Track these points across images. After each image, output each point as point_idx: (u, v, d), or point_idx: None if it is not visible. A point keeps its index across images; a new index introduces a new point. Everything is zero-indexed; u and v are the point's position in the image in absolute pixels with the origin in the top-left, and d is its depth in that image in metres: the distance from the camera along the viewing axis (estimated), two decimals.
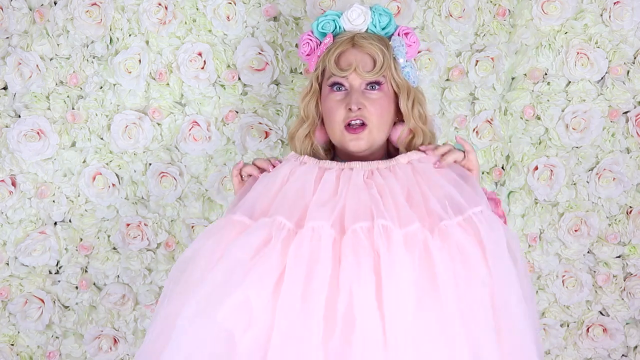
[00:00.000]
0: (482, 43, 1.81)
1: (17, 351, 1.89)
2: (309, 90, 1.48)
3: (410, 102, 1.44)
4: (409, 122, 1.44)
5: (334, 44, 1.44)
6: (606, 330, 1.93)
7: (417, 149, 1.40)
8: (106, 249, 1.86)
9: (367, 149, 1.43)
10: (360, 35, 1.43)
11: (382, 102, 1.42)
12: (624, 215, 1.89)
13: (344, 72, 1.40)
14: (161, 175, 1.82)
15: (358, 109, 1.39)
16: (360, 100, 1.39)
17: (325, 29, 1.47)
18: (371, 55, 1.41)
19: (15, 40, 1.80)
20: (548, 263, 1.90)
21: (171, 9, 1.77)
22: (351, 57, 1.41)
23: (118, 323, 1.88)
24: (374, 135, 1.42)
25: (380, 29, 1.46)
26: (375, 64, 1.40)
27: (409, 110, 1.44)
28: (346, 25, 1.46)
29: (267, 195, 1.32)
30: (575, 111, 1.83)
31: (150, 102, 1.80)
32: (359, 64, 1.40)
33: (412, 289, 1.16)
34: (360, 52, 1.41)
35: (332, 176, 1.32)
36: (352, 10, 1.46)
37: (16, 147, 1.79)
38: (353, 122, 1.40)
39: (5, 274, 1.85)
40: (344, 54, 1.42)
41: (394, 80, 1.42)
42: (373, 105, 1.40)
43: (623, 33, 1.83)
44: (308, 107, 1.48)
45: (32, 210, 1.84)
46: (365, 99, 1.40)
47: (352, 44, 1.42)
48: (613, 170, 1.85)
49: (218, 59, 1.79)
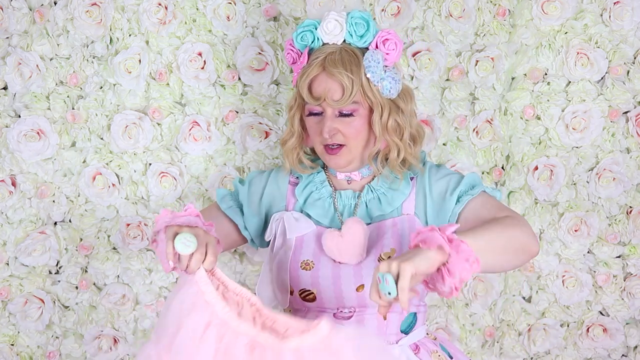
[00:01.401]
0: (482, 43, 1.81)
1: (17, 351, 1.89)
2: (293, 103, 1.51)
3: (385, 116, 1.44)
4: (379, 141, 1.46)
5: (308, 66, 1.44)
6: (606, 330, 1.93)
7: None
8: (106, 249, 1.86)
9: (348, 164, 1.48)
10: (331, 59, 1.42)
11: (356, 124, 1.44)
12: (624, 215, 1.89)
13: (315, 102, 1.43)
14: (161, 175, 1.82)
15: (332, 135, 1.43)
16: (333, 127, 1.42)
17: (304, 41, 1.47)
18: (340, 83, 1.41)
19: (15, 40, 1.80)
20: (548, 263, 1.90)
21: (171, 9, 1.77)
22: (321, 87, 1.42)
23: (118, 323, 1.88)
24: (352, 154, 1.46)
25: (358, 39, 1.45)
26: (343, 92, 1.41)
27: (382, 128, 1.44)
28: (323, 37, 1.45)
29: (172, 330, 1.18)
30: (575, 111, 1.83)
31: (150, 102, 1.80)
32: (327, 94, 1.41)
33: None
34: (330, 78, 1.42)
35: (212, 337, 1.13)
36: (328, 21, 1.44)
37: (16, 147, 1.79)
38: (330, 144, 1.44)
39: (5, 274, 1.85)
40: (315, 81, 1.43)
41: (368, 99, 1.43)
42: (347, 128, 1.43)
43: (623, 33, 1.83)
44: (293, 120, 1.51)
45: (32, 210, 1.84)
46: (338, 123, 1.43)
47: (323, 67, 1.42)
48: (613, 170, 1.85)
49: (218, 59, 1.79)
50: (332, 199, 1.52)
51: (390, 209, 1.48)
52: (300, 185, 1.55)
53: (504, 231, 1.27)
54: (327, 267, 1.45)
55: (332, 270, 1.44)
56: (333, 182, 1.54)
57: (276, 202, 1.57)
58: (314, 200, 1.52)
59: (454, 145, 1.83)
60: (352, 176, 1.51)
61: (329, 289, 1.43)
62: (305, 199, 1.53)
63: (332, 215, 1.51)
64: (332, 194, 1.53)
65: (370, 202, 1.50)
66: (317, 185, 1.54)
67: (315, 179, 1.55)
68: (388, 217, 1.48)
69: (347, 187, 1.53)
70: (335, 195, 1.52)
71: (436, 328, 1.88)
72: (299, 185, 1.55)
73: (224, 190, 1.64)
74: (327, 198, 1.52)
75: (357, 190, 1.52)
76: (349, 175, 1.52)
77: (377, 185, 1.50)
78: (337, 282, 1.41)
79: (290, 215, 1.51)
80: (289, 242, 1.48)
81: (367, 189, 1.50)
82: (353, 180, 1.52)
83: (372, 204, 1.49)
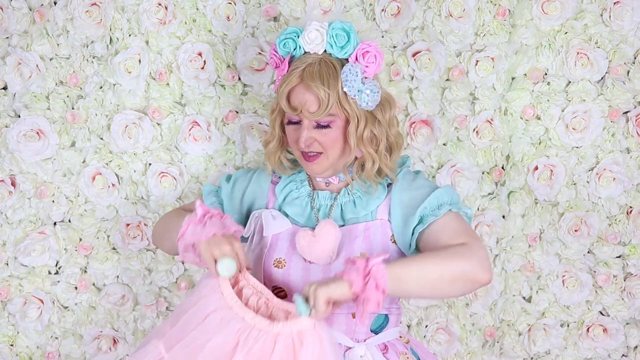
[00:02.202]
0: (482, 43, 1.81)
1: (16, 351, 1.88)
2: (275, 107, 1.53)
3: (361, 127, 1.46)
4: (354, 152, 1.47)
5: (288, 75, 1.45)
6: (606, 330, 1.93)
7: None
8: (106, 249, 1.86)
9: (325, 171, 1.49)
10: (309, 72, 1.43)
11: (333, 134, 1.46)
12: (624, 215, 1.89)
13: (293, 112, 1.45)
14: (161, 175, 1.82)
15: (308, 145, 1.45)
16: (309, 137, 1.45)
17: (286, 48, 1.48)
18: (317, 96, 1.42)
19: (15, 40, 1.79)
20: (548, 263, 1.90)
21: (171, 9, 1.77)
22: (300, 97, 1.44)
23: (117, 323, 1.88)
24: (330, 160, 1.48)
25: (339, 49, 1.45)
26: (320, 105, 1.42)
27: (358, 139, 1.46)
28: (305, 46, 1.46)
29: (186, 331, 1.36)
30: (575, 111, 1.83)
31: (150, 102, 1.80)
32: (304, 105, 1.43)
33: None
34: (307, 90, 1.43)
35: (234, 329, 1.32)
36: (309, 31, 1.45)
37: (16, 147, 1.79)
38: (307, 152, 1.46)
39: (4, 274, 1.85)
40: (293, 92, 1.45)
41: (344, 111, 1.44)
42: (324, 137, 1.45)
43: (623, 33, 1.83)
44: (275, 123, 1.53)
45: (31, 210, 1.84)
46: (315, 133, 1.45)
47: (301, 78, 1.44)
48: (613, 170, 1.85)
49: (218, 59, 1.79)
50: (310, 198, 1.54)
51: (364, 213, 1.50)
52: (280, 183, 1.58)
53: (443, 262, 1.33)
54: (298, 266, 1.48)
55: (303, 270, 1.47)
56: (313, 182, 1.57)
57: (258, 200, 1.59)
58: (292, 199, 1.55)
59: (454, 145, 1.83)
60: (330, 180, 1.54)
61: (298, 287, 1.45)
62: (284, 198, 1.56)
63: (308, 214, 1.53)
64: (310, 193, 1.55)
65: (345, 205, 1.52)
66: (297, 184, 1.57)
67: (297, 178, 1.58)
68: (361, 220, 1.50)
69: (325, 188, 1.55)
70: (313, 195, 1.54)
71: (437, 328, 1.89)
72: (279, 183, 1.58)
73: (210, 186, 1.67)
74: (305, 197, 1.55)
75: (334, 191, 1.55)
76: (327, 179, 1.54)
77: (355, 188, 1.53)
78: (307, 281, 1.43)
79: (268, 213, 1.54)
80: (265, 240, 1.52)
81: (344, 192, 1.53)
82: (331, 183, 1.55)
83: (347, 207, 1.51)
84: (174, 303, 1.89)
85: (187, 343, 1.30)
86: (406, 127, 1.82)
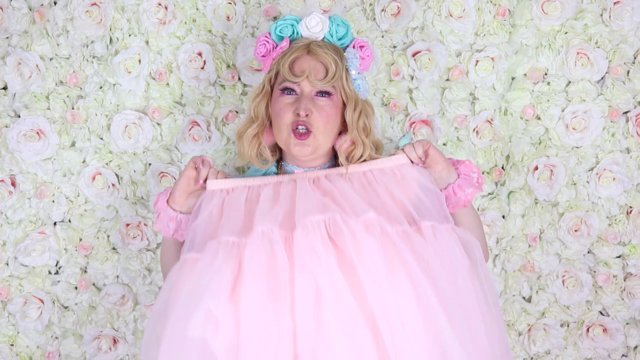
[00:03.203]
0: (482, 43, 1.81)
1: (16, 351, 1.88)
2: (260, 91, 1.52)
3: (357, 113, 1.48)
4: (351, 133, 1.48)
5: (290, 48, 1.47)
6: (606, 330, 1.93)
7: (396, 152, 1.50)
8: (106, 249, 1.86)
9: (311, 154, 1.47)
10: (316, 44, 1.46)
11: (330, 111, 1.45)
12: (624, 215, 1.89)
13: (296, 78, 1.44)
14: (161, 175, 1.82)
15: (306, 115, 1.43)
16: (308, 107, 1.43)
17: (282, 33, 1.49)
18: (324, 64, 1.44)
19: (15, 40, 1.80)
20: (548, 263, 1.90)
21: (171, 9, 1.77)
22: (305, 64, 1.44)
23: (118, 323, 1.88)
24: (319, 141, 1.46)
25: (337, 39, 1.49)
26: (327, 73, 1.44)
27: (354, 122, 1.48)
28: (304, 32, 1.48)
29: (211, 225, 1.40)
30: (575, 111, 1.83)
31: (150, 102, 1.80)
32: (311, 72, 1.43)
33: (384, 271, 1.23)
34: (314, 59, 1.44)
35: (269, 190, 1.40)
36: (311, 17, 1.48)
37: (16, 147, 1.79)
38: (300, 127, 1.44)
39: (4, 274, 1.85)
40: (298, 60, 1.45)
41: (344, 90, 1.46)
42: (320, 112, 1.44)
43: (623, 33, 1.83)
44: (258, 107, 1.52)
45: (31, 211, 1.84)
46: (313, 105, 1.44)
47: (307, 50, 1.45)
48: (613, 170, 1.85)
49: (218, 59, 1.79)
50: None
51: None
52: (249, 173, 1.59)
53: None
54: None
55: None
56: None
57: None
58: None
59: (454, 145, 1.83)
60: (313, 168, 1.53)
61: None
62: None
63: None
64: None
65: None
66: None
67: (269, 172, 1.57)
68: None
69: None
70: None
71: None
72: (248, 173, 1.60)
73: None
74: None
75: None
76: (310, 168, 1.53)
77: None
78: None
79: None
80: None
81: None
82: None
83: None
84: None
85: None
86: (406, 127, 1.82)
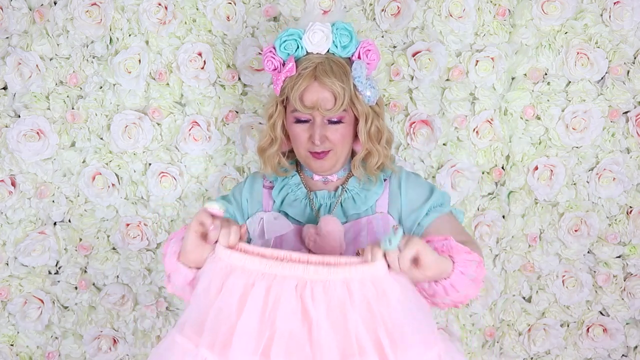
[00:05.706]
0: (482, 43, 1.81)
1: (16, 351, 1.88)
2: (274, 112, 1.52)
3: (368, 125, 1.48)
4: (364, 146, 1.49)
5: (298, 76, 1.45)
6: (606, 330, 1.93)
7: (358, 252, 1.27)
8: (105, 249, 1.86)
9: (331, 167, 1.51)
10: (322, 69, 1.44)
11: (344, 130, 1.47)
12: (624, 215, 1.89)
13: (308, 110, 1.45)
14: (161, 175, 1.82)
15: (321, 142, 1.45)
16: (322, 134, 1.45)
17: (287, 49, 1.48)
18: (333, 92, 1.44)
19: (15, 40, 1.79)
20: (548, 263, 1.90)
21: (171, 9, 1.77)
22: (314, 96, 1.44)
23: (117, 323, 1.88)
24: (337, 156, 1.49)
25: (342, 49, 1.47)
26: (336, 101, 1.43)
27: (366, 135, 1.48)
28: (308, 46, 1.46)
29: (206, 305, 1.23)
30: (575, 111, 1.83)
31: (150, 102, 1.80)
32: (320, 103, 1.43)
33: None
34: (322, 88, 1.44)
35: (261, 290, 1.19)
36: (314, 32, 1.46)
37: (16, 147, 1.79)
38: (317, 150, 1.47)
39: (4, 274, 1.85)
40: (307, 91, 1.45)
41: (355, 108, 1.46)
42: (335, 134, 1.46)
43: (623, 33, 1.83)
44: (275, 128, 1.52)
45: (31, 210, 1.84)
46: (327, 130, 1.46)
47: (314, 77, 1.44)
48: (613, 170, 1.85)
49: (218, 59, 1.79)
50: (308, 200, 1.55)
51: (364, 208, 1.51)
52: (275, 188, 1.58)
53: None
54: None
55: None
56: (308, 184, 1.57)
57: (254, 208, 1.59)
58: (290, 201, 1.56)
59: (454, 145, 1.83)
60: (329, 178, 1.55)
61: None
62: (282, 200, 1.56)
63: (309, 214, 1.54)
64: (307, 195, 1.56)
65: (345, 202, 1.53)
66: (292, 188, 1.57)
67: (290, 182, 1.58)
68: (363, 215, 1.51)
69: (322, 187, 1.56)
70: (311, 196, 1.55)
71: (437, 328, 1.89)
72: (274, 188, 1.58)
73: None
74: (302, 199, 1.56)
75: (331, 190, 1.56)
76: (326, 177, 1.55)
77: (351, 185, 1.54)
78: None
79: (270, 215, 1.54)
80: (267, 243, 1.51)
81: (341, 189, 1.54)
82: (330, 181, 1.56)
83: (347, 204, 1.53)
84: (174, 303, 1.90)
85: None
86: (406, 127, 1.82)
